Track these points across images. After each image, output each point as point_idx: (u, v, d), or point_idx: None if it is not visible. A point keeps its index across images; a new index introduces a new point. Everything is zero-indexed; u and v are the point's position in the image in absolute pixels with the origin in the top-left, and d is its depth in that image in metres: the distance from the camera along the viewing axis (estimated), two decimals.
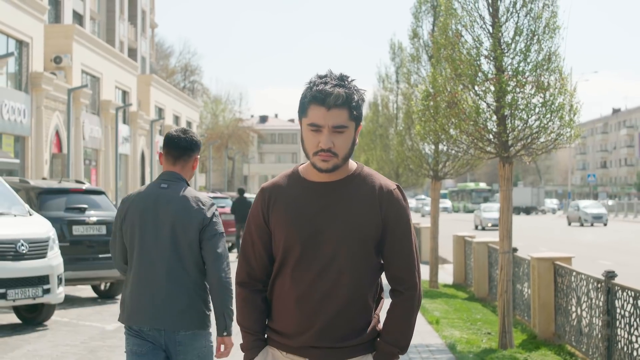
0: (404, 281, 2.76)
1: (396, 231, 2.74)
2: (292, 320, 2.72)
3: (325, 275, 2.69)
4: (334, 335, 2.70)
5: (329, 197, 2.73)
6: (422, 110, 9.05)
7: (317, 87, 2.66)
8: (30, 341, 8.40)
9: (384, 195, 2.74)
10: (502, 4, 8.68)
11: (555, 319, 9.19)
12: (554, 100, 8.34)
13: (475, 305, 12.23)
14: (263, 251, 2.80)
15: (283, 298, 2.75)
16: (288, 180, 2.81)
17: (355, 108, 2.69)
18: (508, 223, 8.73)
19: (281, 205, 2.75)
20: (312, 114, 2.67)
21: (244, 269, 2.83)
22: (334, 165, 2.69)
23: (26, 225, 8.98)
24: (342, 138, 2.68)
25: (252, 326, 2.80)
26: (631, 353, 6.91)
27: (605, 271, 7.55)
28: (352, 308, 2.71)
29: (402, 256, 2.76)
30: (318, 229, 2.70)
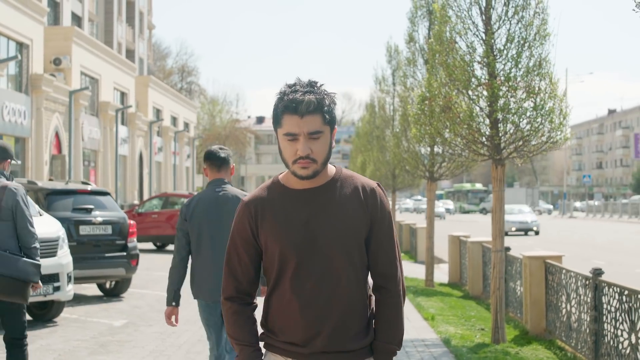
0: (389, 276, 2.81)
1: (382, 227, 2.80)
2: (299, 329, 2.73)
3: (325, 280, 2.72)
4: (344, 337, 2.74)
5: (316, 202, 2.75)
6: (417, 114, 9.39)
7: (288, 97, 2.68)
8: (42, 336, 8.75)
9: (368, 194, 2.79)
10: (495, 12, 9.03)
11: (546, 315, 9.53)
12: (544, 104, 8.69)
13: (470, 303, 12.56)
14: (250, 265, 2.81)
15: (285, 309, 2.75)
16: (270, 191, 2.81)
17: (328, 112, 2.72)
18: (500, 223, 9.08)
19: (269, 217, 2.76)
20: (286, 123, 2.69)
21: (232, 284, 2.82)
22: (314, 171, 2.72)
23: (37, 225, 9.28)
24: (318, 143, 2.71)
25: (248, 338, 2.80)
26: (617, 346, 7.26)
27: (593, 268, 7.89)
28: (355, 308, 2.76)
29: (388, 252, 2.81)
30: (312, 236, 2.73)
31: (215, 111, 72.50)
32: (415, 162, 15.06)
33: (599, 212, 63.96)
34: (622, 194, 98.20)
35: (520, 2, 8.92)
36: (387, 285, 2.80)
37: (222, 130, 67.47)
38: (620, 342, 7.18)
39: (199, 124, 65.16)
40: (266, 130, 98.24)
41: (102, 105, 36.06)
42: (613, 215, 60.82)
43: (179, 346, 8.27)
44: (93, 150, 35.41)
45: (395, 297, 2.80)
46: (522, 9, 8.93)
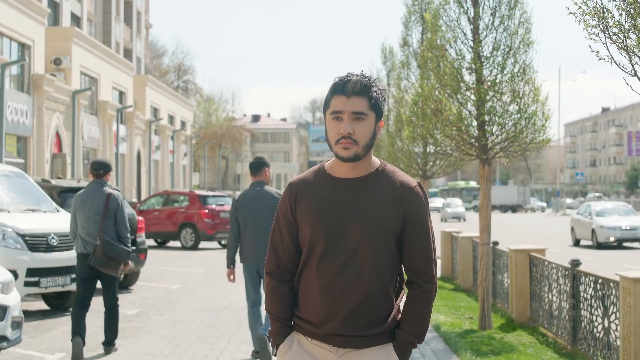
0: (423, 274, 2.89)
1: (416, 226, 2.86)
2: (317, 309, 2.85)
3: (348, 267, 2.82)
4: (357, 323, 2.83)
5: (353, 192, 2.86)
6: (410, 116, 10.05)
7: (338, 81, 2.84)
8: (62, 323, 9.41)
9: (405, 192, 2.85)
10: (482, 22, 9.70)
11: (531, 304, 10.20)
12: (527, 108, 9.37)
13: (460, 295, 13.23)
14: (290, 243, 2.93)
15: (309, 288, 2.87)
16: (314, 176, 2.93)
17: (375, 99, 2.82)
18: (487, 218, 9.75)
19: (307, 200, 2.89)
20: (333, 103, 2.81)
21: (273, 260, 2.97)
22: (355, 153, 2.80)
23: (55, 220, 9.98)
24: (362, 126, 2.79)
25: (280, 314, 2.93)
26: (592, 331, 7.94)
27: (571, 260, 8.58)
28: (374, 298, 2.84)
29: (421, 250, 2.87)
30: (342, 223, 2.82)
31: (212, 109, 72.97)
32: (409, 160, 15.73)
33: None
34: (616, 191, 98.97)
35: (505, 13, 9.59)
36: (419, 281, 2.89)
37: (218, 128, 67.96)
38: (595, 327, 7.86)
39: (195, 123, 65.67)
40: (262, 128, 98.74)
41: (101, 105, 36.61)
42: None
43: (190, 332, 8.93)
44: (92, 148, 35.96)
45: (425, 293, 2.89)
46: (507, 19, 9.60)
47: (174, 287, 13.24)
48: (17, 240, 9.26)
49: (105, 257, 7.45)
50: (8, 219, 9.43)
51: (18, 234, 9.28)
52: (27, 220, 9.63)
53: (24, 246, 9.31)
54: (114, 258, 7.50)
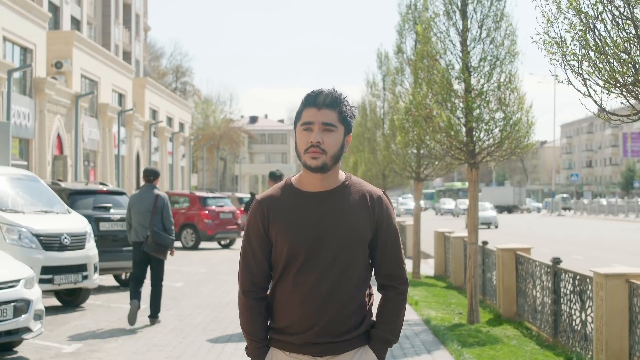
0: (397, 277, 3.00)
1: (388, 233, 2.97)
2: (295, 319, 2.90)
3: (327, 277, 2.88)
4: (335, 331, 2.90)
5: (325, 205, 2.93)
6: (402, 123, 10.64)
7: (310, 93, 2.93)
8: (75, 318, 9.99)
9: (375, 201, 2.96)
10: (470, 34, 10.30)
11: (517, 300, 10.80)
12: (512, 115, 9.96)
13: (452, 292, 13.81)
14: (264, 260, 2.96)
15: (286, 300, 2.92)
16: (282, 192, 2.98)
17: (344, 113, 2.91)
18: (475, 219, 10.35)
19: (280, 216, 2.93)
20: (304, 115, 2.89)
21: (247, 278, 2.98)
22: (323, 162, 2.87)
23: (67, 221, 10.57)
24: (331, 137, 2.87)
25: (257, 333, 2.97)
26: (571, 324, 8.53)
27: (553, 258, 9.18)
28: (351, 305, 2.92)
29: (394, 255, 2.99)
30: (320, 235, 2.89)
31: (209, 111, 73.38)
32: (403, 163, 16.29)
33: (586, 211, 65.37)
34: (612, 192, 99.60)
35: (492, 25, 10.19)
36: (394, 284, 3.01)
37: (216, 130, 68.43)
38: (573, 320, 8.46)
39: (193, 124, 66.14)
40: (259, 129, 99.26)
41: (101, 107, 37.09)
42: (599, 214, 62.16)
43: (195, 325, 9.51)
44: (92, 150, 36.44)
45: (400, 294, 3.01)
46: (494, 31, 10.20)
47: (177, 285, 13.82)
48: (32, 240, 9.84)
49: (155, 244, 9.41)
50: (23, 219, 10.01)
51: (33, 234, 9.87)
52: (41, 221, 10.21)
53: (39, 245, 9.90)
54: (162, 244, 9.45)
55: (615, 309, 7.10)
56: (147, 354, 7.75)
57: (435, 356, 7.81)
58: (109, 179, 37.76)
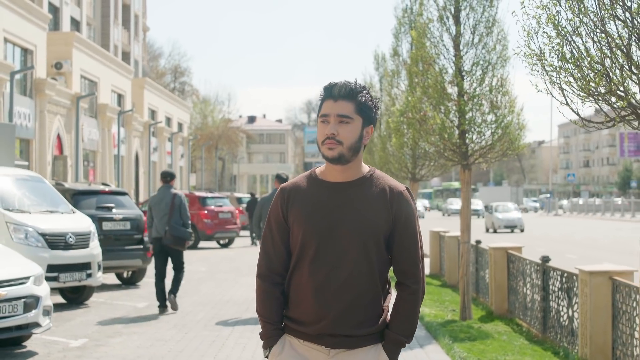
0: (411, 275, 2.98)
1: (405, 229, 2.95)
2: (309, 310, 2.92)
3: (339, 268, 2.89)
4: (349, 323, 2.90)
5: (344, 195, 2.95)
6: (397, 126, 10.96)
7: (327, 86, 2.96)
8: (80, 315, 10.32)
9: (394, 196, 2.95)
10: (463, 39, 10.62)
11: (508, 297, 11.12)
12: (504, 118, 10.28)
13: (447, 291, 14.13)
14: (282, 246, 3.00)
15: (301, 289, 2.94)
16: (306, 181, 3.03)
17: (362, 104, 2.92)
18: (467, 218, 10.68)
19: (299, 203, 2.97)
20: (323, 107, 2.94)
21: (264, 263, 3.03)
22: (339, 153, 2.89)
23: (72, 221, 10.89)
24: (346, 128, 2.89)
25: (271, 316, 3.00)
26: (558, 320, 8.85)
27: (542, 256, 9.50)
28: (364, 298, 2.92)
29: (409, 252, 2.97)
30: (333, 225, 2.91)
31: (208, 111, 73.67)
32: (399, 164, 16.63)
33: (583, 211, 65.77)
34: (609, 192, 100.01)
35: (484, 31, 10.51)
36: (407, 282, 2.99)
37: (214, 130, 68.74)
38: (561, 316, 8.78)
39: (192, 124, 66.43)
40: (257, 129, 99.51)
41: (100, 107, 37.38)
42: (596, 213, 62.53)
43: (197, 321, 9.84)
44: (92, 150, 36.74)
45: (413, 294, 2.98)
46: (486, 36, 10.52)
47: None
48: (38, 239, 10.16)
49: (173, 237, 10.50)
50: (29, 219, 10.33)
51: (39, 233, 10.19)
52: (47, 221, 10.54)
53: (45, 244, 10.22)
54: (179, 237, 10.55)
55: (599, 305, 7.42)
56: (151, 348, 8.08)
57: (427, 350, 8.13)
58: (109, 178, 38.05)
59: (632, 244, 27.45)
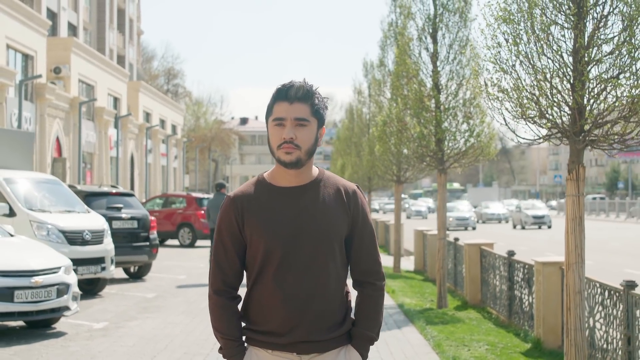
0: (375, 273, 2.95)
1: (364, 228, 2.93)
2: (278, 320, 2.82)
3: (308, 274, 2.82)
4: (321, 327, 2.85)
5: (301, 200, 2.86)
6: (380, 135, 12.17)
7: (281, 87, 2.85)
8: (96, 303, 11.50)
9: (350, 196, 2.91)
10: (439, 56, 11.84)
11: (481, 289, 12.34)
12: (475, 128, 11.52)
13: (428, 284, 15.34)
14: (236, 259, 2.88)
15: (266, 300, 2.83)
16: (256, 188, 2.89)
17: (317, 106, 2.84)
18: (443, 217, 11.91)
19: (255, 213, 2.84)
20: (276, 109, 2.81)
21: (219, 277, 2.88)
22: (297, 158, 2.80)
23: (87, 219, 12.08)
24: (304, 131, 2.80)
25: (232, 332, 2.87)
26: (521, 306, 10.07)
27: (508, 251, 10.72)
28: (334, 302, 2.88)
29: (370, 251, 2.94)
30: (297, 231, 2.81)
31: (200, 113, 74.65)
32: (385, 167, 17.84)
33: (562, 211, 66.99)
34: (597, 192, 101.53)
35: (458, 49, 11.74)
36: (370, 279, 2.95)
37: (207, 131, 69.77)
38: (523, 303, 10.00)
39: (185, 126, 67.47)
40: (250, 131, 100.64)
41: (97, 111, 38.39)
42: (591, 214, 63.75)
43: (202, 309, 11.03)
44: (89, 152, 37.78)
45: (378, 290, 2.96)
46: (460, 54, 11.75)
47: (180, 277, 15.35)
48: (59, 236, 11.35)
49: None
50: (50, 218, 11.52)
51: (59, 230, 11.38)
52: (65, 219, 11.72)
53: (64, 240, 11.40)
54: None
55: (551, 290, 8.65)
56: (165, 329, 9.28)
57: (404, 331, 9.35)
58: (105, 180, 39.07)
59: (609, 242, 28.67)
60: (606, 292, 7.24)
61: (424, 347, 8.46)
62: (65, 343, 8.44)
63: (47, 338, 8.71)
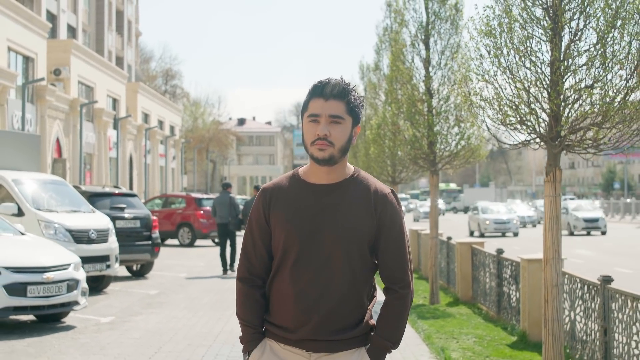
0: (398, 280, 2.89)
1: (391, 233, 2.86)
2: (290, 315, 2.84)
3: (321, 274, 2.81)
4: (331, 328, 2.83)
5: (327, 198, 2.85)
6: (374, 137, 12.64)
7: (317, 83, 2.85)
8: (102, 299, 11.97)
9: (379, 199, 2.86)
10: (432, 62, 12.30)
11: (472, 286, 12.81)
12: (466, 131, 11.98)
13: (422, 282, 15.79)
14: (263, 249, 2.91)
15: (282, 294, 2.86)
16: (288, 182, 2.93)
17: (352, 104, 2.83)
18: (435, 217, 12.38)
19: (281, 205, 2.88)
20: (311, 106, 2.82)
21: (245, 265, 2.94)
22: (330, 155, 2.79)
23: (93, 219, 12.54)
24: (338, 129, 2.79)
25: (252, 320, 2.91)
26: (509, 301, 10.54)
27: (497, 249, 11.19)
28: (346, 305, 2.83)
29: (396, 257, 2.87)
30: (316, 229, 2.81)
31: (198, 113, 75.05)
32: (380, 168, 18.30)
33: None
34: (593, 193, 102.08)
35: (450, 55, 12.20)
36: (394, 287, 2.91)
37: (205, 132, 70.18)
38: (511, 298, 10.47)
39: (182, 126, 67.88)
40: (247, 131, 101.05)
41: (96, 112, 38.81)
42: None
43: (203, 304, 11.51)
44: (89, 153, 38.20)
45: (401, 299, 2.90)
46: (451, 60, 12.21)
47: (181, 275, 15.82)
48: (65, 235, 11.81)
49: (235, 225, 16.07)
50: (57, 217, 11.98)
51: (66, 229, 11.84)
52: (72, 219, 12.18)
53: (71, 239, 11.86)
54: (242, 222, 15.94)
55: (536, 286, 9.11)
56: (168, 324, 9.75)
57: None
58: (105, 180, 39.50)
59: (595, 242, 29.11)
60: (585, 286, 7.71)
61: (415, 340, 8.93)
62: (75, 335, 8.92)
63: (58, 331, 9.17)
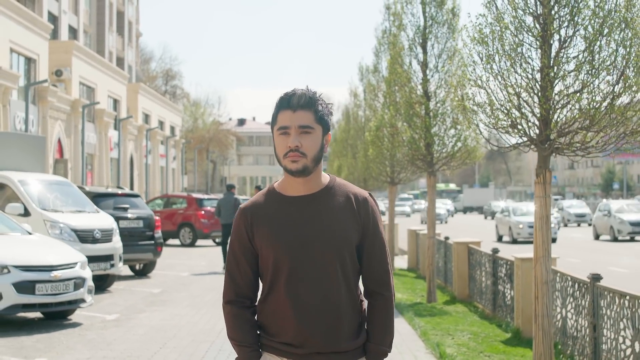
0: (383, 283, 2.90)
1: (374, 237, 2.88)
2: (294, 331, 2.81)
3: (318, 284, 2.80)
4: (337, 338, 2.82)
5: (309, 209, 2.84)
6: (373, 139, 12.91)
7: (283, 95, 2.85)
8: (106, 298, 12.23)
9: (360, 203, 2.88)
10: (429, 65, 12.57)
11: (469, 284, 13.07)
12: (462, 133, 12.25)
13: (420, 281, 16.06)
14: (249, 269, 2.88)
15: (280, 312, 2.83)
16: (266, 198, 2.90)
17: (321, 112, 2.83)
18: (432, 217, 12.65)
19: (264, 223, 2.85)
20: (280, 118, 2.81)
21: (231, 288, 2.90)
22: (304, 165, 2.79)
23: (97, 219, 12.80)
24: (309, 139, 2.79)
25: (246, 339, 2.87)
26: (504, 299, 10.81)
27: (492, 249, 11.46)
28: (346, 311, 2.84)
29: (380, 260, 2.89)
30: (305, 241, 2.80)
31: (198, 114, 75.32)
32: (379, 169, 18.57)
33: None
34: (593, 193, 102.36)
35: (446, 58, 12.46)
36: (380, 290, 2.90)
37: (205, 133, 70.45)
38: (506, 297, 10.73)
39: (183, 127, 68.16)
40: (247, 132, 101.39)
41: (97, 112, 39.07)
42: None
43: (206, 302, 11.77)
44: (90, 154, 38.47)
45: (387, 301, 2.91)
46: (448, 63, 12.48)
47: (183, 274, 16.09)
48: (71, 234, 12.07)
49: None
50: (62, 217, 12.25)
51: (71, 229, 12.10)
52: (77, 219, 12.45)
53: (76, 239, 12.13)
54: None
55: (528, 284, 9.37)
56: (172, 320, 10.02)
57: None
58: (106, 180, 39.77)
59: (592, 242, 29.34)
60: (576, 284, 7.97)
61: (412, 336, 9.20)
62: (82, 332, 9.19)
63: (65, 328, 9.44)
